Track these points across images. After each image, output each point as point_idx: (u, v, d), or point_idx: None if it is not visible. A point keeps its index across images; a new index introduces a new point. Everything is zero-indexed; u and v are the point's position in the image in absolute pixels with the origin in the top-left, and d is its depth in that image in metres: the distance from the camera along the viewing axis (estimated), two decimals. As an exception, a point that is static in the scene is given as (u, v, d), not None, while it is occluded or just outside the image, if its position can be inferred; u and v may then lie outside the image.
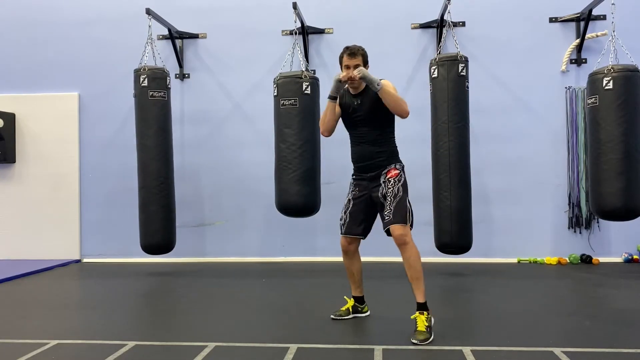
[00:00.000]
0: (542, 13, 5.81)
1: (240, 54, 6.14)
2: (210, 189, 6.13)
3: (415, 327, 3.00)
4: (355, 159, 3.36)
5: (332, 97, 3.31)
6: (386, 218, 3.14)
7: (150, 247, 5.23)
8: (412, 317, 3.06)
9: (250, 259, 6.00)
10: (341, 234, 3.38)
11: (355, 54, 3.22)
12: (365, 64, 3.28)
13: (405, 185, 3.22)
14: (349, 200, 3.37)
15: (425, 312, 3.05)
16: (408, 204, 3.18)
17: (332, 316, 3.46)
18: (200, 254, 6.09)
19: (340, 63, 3.29)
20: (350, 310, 3.49)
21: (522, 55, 5.81)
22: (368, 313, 3.55)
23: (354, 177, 3.41)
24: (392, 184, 3.17)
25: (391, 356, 2.75)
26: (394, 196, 3.14)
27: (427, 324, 3.00)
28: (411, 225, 3.19)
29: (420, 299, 3.08)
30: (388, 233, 3.17)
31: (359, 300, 3.52)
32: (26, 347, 2.94)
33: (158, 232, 5.18)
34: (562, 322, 3.40)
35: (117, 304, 4.19)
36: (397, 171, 3.24)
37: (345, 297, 3.57)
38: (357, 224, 3.33)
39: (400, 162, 3.33)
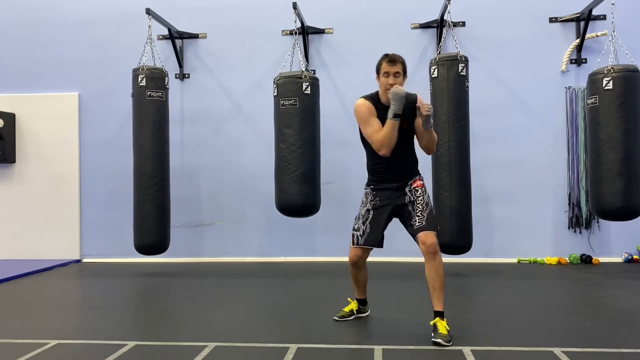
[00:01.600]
0: (542, 13, 5.81)
1: (240, 54, 6.14)
2: (210, 189, 6.13)
3: (436, 330, 2.96)
4: (383, 168, 3.22)
5: (398, 115, 3.05)
6: (417, 225, 3.10)
7: (144, 247, 5.20)
8: (431, 322, 3.02)
9: (249, 259, 6.00)
10: (357, 245, 3.26)
11: (395, 61, 3.13)
12: (405, 73, 3.19)
13: (429, 196, 3.25)
14: (368, 210, 3.24)
15: (445, 319, 3.02)
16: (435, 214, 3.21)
17: (335, 317, 3.45)
18: (200, 254, 6.09)
19: (378, 71, 3.18)
20: (354, 311, 3.49)
21: (522, 55, 5.81)
22: (368, 312, 3.56)
23: (372, 187, 3.27)
24: (420, 193, 3.17)
25: (391, 356, 2.75)
26: (425, 204, 3.14)
27: (448, 328, 2.97)
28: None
29: (440, 308, 3.05)
30: (415, 239, 3.13)
31: (362, 302, 3.53)
32: (26, 347, 2.94)
33: (152, 232, 5.16)
34: (562, 322, 3.40)
35: (117, 304, 4.19)
36: (422, 182, 3.24)
37: (349, 298, 3.56)
38: (378, 234, 3.26)
39: (420, 173, 3.31)
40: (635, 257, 5.58)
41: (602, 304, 3.93)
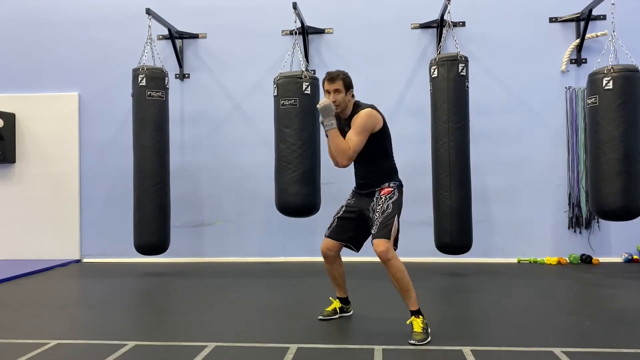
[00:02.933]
0: (542, 13, 5.81)
1: (240, 54, 6.14)
2: (210, 189, 6.13)
3: (411, 329, 3.00)
4: (354, 174, 3.39)
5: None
6: (371, 231, 3.12)
7: (144, 247, 5.20)
8: (407, 322, 3.05)
9: (250, 259, 6.00)
10: (325, 235, 3.39)
11: (334, 79, 3.16)
12: (348, 88, 3.19)
13: (396, 203, 3.15)
14: (342, 206, 3.38)
15: (420, 316, 3.04)
16: (395, 221, 3.10)
17: (319, 317, 3.46)
18: (201, 254, 6.09)
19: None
20: (338, 310, 3.51)
21: (522, 55, 5.81)
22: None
23: (353, 189, 3.42)
24: (383, 200, 3.15)
25: (391, 356, 2.75)
26: (382, 211, 3.10)
27: (422, 326, 3.00)
28: (395, 245, 3.12)
29: (413, 307, 3.07)
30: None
31: (344, 301, 3.54)
32: (26, 347, 2.94)
33: (152, 233, 5.16)
34: (562, 322, 3.40)
35: (117, 304, 4.19)
36: (391, 189, 3.19)
37: (330, 298, 3.58)
38: (343, 232, 3.33)
39: (397, 180, 3.26)
40: (635, 257, 5.58)
41: (602, 304, 3.94)
